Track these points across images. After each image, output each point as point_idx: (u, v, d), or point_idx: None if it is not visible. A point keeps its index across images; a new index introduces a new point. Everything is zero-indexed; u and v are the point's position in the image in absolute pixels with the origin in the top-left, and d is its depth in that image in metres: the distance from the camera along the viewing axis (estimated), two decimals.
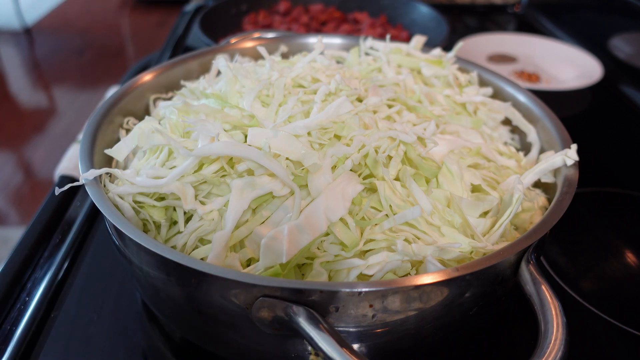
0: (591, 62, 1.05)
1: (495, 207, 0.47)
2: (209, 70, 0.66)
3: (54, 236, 0.64)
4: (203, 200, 0.44)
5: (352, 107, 0.48)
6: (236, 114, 0.48)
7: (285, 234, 0.39)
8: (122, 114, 0.56)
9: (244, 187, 0.42)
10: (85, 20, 3.47)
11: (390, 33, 1.09)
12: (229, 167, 0.44)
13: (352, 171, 0.45)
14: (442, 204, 0.45)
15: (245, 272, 0.40)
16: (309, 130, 0.46)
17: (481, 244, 0.41)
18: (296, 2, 1.22)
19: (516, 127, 0.61)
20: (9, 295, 0.56)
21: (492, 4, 1.46)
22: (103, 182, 0.45)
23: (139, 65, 1.09)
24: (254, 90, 0.51)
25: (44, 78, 2.81)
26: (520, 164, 0.55)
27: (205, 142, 0.44)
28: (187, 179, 0.44)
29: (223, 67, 0.55)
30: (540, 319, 0.37)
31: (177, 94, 0.59)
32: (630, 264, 0.63)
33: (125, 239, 0.41)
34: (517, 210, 0.45)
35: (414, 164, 0.47)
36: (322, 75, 0.56)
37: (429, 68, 0.63)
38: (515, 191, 0.45)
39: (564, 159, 0.49)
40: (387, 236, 0.42)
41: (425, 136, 0.49)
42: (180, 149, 0.43)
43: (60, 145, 2.19)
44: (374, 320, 0.37)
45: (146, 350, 0.51)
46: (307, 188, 0.43)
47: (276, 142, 0.44)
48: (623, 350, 0.52)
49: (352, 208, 0.43)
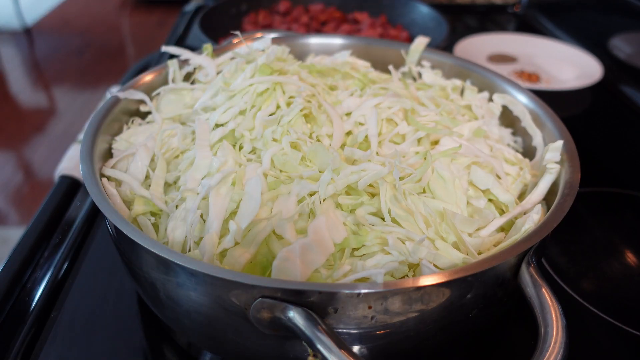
0: (591, 62, 1.05)
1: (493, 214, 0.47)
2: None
3: (54, 236, 0.64)
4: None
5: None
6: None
7: (297, 254, 0.39)
8: (123, 113, 0.56)
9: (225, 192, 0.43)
10: (85, 20, 3.47)
11: (390, 33, 1.09)
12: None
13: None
14: (437, 218, 0.44)
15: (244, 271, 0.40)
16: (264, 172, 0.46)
17: (475, 260, 0.41)
18: (296, 2, 1.22)
19: (517, 129, 0.61)
20: (9, 295, 0.56)
21: (492, 4, 1.46)
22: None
23: (139, 65, 1.09)
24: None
25: (44, 78, 2.81)
26: (521, 172, 0.53)
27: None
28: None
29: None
30: (540, 321, 0.37)
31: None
32: (630, 264, 0.63)
33: (125, 238, 0.41)
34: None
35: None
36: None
37: (429, 75, 0.63)
38: (528, 221, 0.44)
39: (560, 169, 0.49)
40: (377, 236, 0.42)
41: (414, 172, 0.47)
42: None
43: (60, 145, 2.19)
44: (373, 321, 0.37)
45: (146, 350, 0.51)
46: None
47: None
48: (623, 350, 0.52)
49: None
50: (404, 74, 0.70)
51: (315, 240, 0.39)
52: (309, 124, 0.52)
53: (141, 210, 0.46)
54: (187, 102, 0.58)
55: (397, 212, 0.43)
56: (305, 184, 0.44)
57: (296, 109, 0.51)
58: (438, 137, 0.53)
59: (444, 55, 0.69)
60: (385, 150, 0.51)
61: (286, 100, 0.53)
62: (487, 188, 0.48)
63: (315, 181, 0.45)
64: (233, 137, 0.52)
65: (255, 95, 0.53)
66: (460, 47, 1.10)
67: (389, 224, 0.43)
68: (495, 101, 0.62)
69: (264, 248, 0.41)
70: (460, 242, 0.42)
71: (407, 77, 0.69)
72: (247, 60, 0.60)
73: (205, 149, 0.48)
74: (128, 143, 0.53)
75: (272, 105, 0.53)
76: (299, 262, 0.38)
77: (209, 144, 0.49)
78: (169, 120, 0.57)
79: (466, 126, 0.54)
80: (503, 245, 0.43)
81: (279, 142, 0.49)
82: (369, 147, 0.50)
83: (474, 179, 0.48)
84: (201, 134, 0.50)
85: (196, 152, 0.48)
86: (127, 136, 0.54)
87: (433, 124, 0.54)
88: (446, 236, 0.43)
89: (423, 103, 0.58)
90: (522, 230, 0.43)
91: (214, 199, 0.43)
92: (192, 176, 0.46)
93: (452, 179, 0.47)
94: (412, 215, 0.43)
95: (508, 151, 0.55)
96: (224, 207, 0.43)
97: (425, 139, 0.53)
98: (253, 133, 0.51)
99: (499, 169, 0.50)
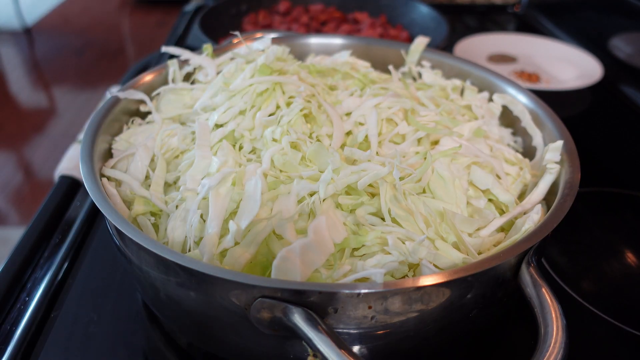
0: (591, 62, 1.05)
1: (493, 214, 0.47)
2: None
3: (54, 236, 0.64)
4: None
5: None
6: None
7: (297, 253, 0.38)
8: (123, 113, 0.56)
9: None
10: (85, 20, 3.47)
11: (390, 33, 1.09)
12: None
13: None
14: (437, 218, 0.44)
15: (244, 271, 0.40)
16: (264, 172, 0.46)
17: (475, 260, 0.41)
18: (296, 2, 1.22)
19: (517, 129, 0.61)
20: (9, 295, 0.56)
21: (492, 4, 1.46)
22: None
23: (139, 65, 1.08)
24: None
25: (44, 78, 2.81)
26: (521, 172, 0.53)
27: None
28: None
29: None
30: (540, 321, 0.37)
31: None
32: (630, 264, 0.63)
33: (125, 238, 0.41)
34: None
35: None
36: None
37: (429, 75, 0.63)
38: (528, 221, 0.44)
39: (560, 169, 0.49)
40: (377, 236, 0.42)
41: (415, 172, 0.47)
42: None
43: (60, 145, 2.19)
44: (373, 321, 0.37)
45: (146, 351, 0.51)
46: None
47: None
48: (623, 350, 0.52)
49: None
50: (404, 74, 0.70)
51: (315, 240, 0.39)
52: (309, 124, 0.52)
53: (141, 210, 0.46)
54: (187, 102, 0.58)
55: (397, 212, 0.43)
56: (305, 184, 0.44)
57: (296, 109, 0.51)
58: (438, 137, 0.53)
59: (444, 55, 0.69)
60: (385, 150, 0.51)
61: (286, 100, 0.53)
62: (487, 188, 0.48)
63: (315, 181, 0.45)
64: (233, 137, 0.52)
65: (255, 95, 0.53)
66: (460, 47, 1.10)
67: (389, 224, 0.43)
68: (495, 101, 0.62)
69: (264, 248, 0.41)
70: (460, 242, 0.42)
71: (407, 77, 0.69)
72: (247, 61, 0.60)
73: (206, 149, 0.48)
74: (128, 143, 0.53)
75: (272, 105, 0.53)
76: (299, 262, 0.38)
77: (209, 144, 0.49)
78: (168, 120, 0.57)
79: (466, 126, 0.54)
80: (503, 245, 0.43)
81: (278, 142, 0.49)
82: (369, 147, 0.50)
83: (474, 179, 0.48)
84: (201, 134, 0.50)
85: (196, 152, 0.48)
86: (127, 136, 0.54)
87: (433, 124, 0.54)
88: (446, 236, 0.43)
89: (423, 103, 0.58)
90: (522, 231, 0.43)
91: (214, 199, 0.43)
92: (192, 176, 0.46)
93: (452, 179, 0.47)
94: (412, 215, 0.43)
95: (508, 151, 0.55)
96: (224, 207, 0.43)
97: (425, 139, 0.53)
98: (253, 133, 0.51)
99: (499, 169, 0.50)
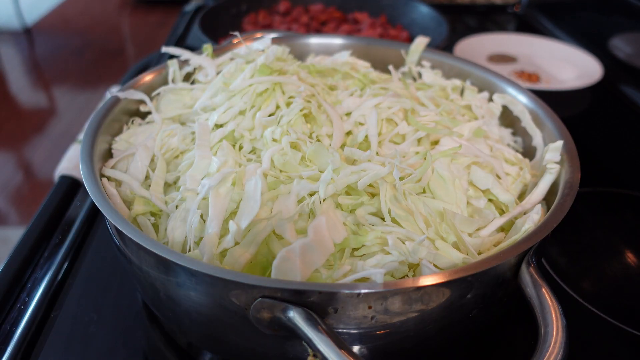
0: (591, 62, 1.05)
1: (493, 214, 0.46)
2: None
3: (54, 236, 0.64)
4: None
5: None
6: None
7: (297, 253, 0.38)
8: (123, 113, 0.56)
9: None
10: (85, 20, 3.47)
11: (390, 33, 1.09)
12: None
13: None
14: (437, 218, 0.44)
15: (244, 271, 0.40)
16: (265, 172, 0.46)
17: (475, 260, 0.41)
18: (296, 2, 1.22)
19: (517, 129, 0.61)
20: (9, 295, 0.56)
21: (492, 4, 1.46)
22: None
23: (139, 65, 1.08)
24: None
25: (44, 78, 2.81)
26: (521, 172, 0.53)
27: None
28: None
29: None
30: (540, 321, 0.37)
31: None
32: (630, 264, 0.63)
33: (125, 238, 0.41)
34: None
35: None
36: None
37: (429, 75, 0.63)
38: (528, 221, 0.44)
39: (560, 169, 0.49)
40: (377, 236, 0.42)
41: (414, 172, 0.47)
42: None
43: (60, 145, 2.19)
44: (373, 321, 0.37)
45: (146, 351, 0.51)
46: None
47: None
48: (623, 350, 0.52)
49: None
50: (404, 74, 0.70)
51: (315, 240, 0.39)
52: (309, 124, 0.52)
53: (141, 210, 0.46)
54: (186, 102, 0.58)
55: (397, 212, 0.43)
56: (305, 184, 0.44)
57: (296, 109, 0.51)
58: (438, 137, 0.53)
59: (444, 55, 0.69)
60: (385, 150, 0.51)
61: (286, 100, 0.53)
62: (487, 188, 0.48)
63: (315, 181, 0.45)
64: (233, 138, 0.52)
65: (254, 95, 0.53)
66: (460, 47, 1.10)
67: (389, 224, 0.43)
68: (495, 101, 0.62)
69: (264, 248, 0.41)
70: (460, 242, 0.42)
71: (407, 77, 0.69)
72: (246, 61, 0.60)
73: (205, 149, 0.48)
74: (128, 143, 0.53)
75: (271, 105, 0.53)
76: (299, 262, 0.38)
77: (209, 144, 0.49)
78: (168, 120, 0.57)
79: (466, 126, 0.54)
80: (503, 245, 0.43)
81: (278, 142, 0.49)
82: (369, 147, 0.50)
83: (474, 179, 0.48)
84: (201, 134, 0.50)
85: (196, 152, 0.48)
86: (127, 136, 0.54)
87: (433, 124, 0.54)
88: (446, 236, 0.43)
89: (423, 103, 0.58)
90: (522, 231, 0.43)
91: (213, 199, 0.43)
92: (192, 176, 0.46)
93: (452, 179, 0.47)
94: (412, 215, 0.43)
95: (508, 151, 0.55)
96: (223, 207, 0.43)
97: (425, 139, 0.53)
98: (253, 133, 0.51)
99: (499, 169, 0.50)
